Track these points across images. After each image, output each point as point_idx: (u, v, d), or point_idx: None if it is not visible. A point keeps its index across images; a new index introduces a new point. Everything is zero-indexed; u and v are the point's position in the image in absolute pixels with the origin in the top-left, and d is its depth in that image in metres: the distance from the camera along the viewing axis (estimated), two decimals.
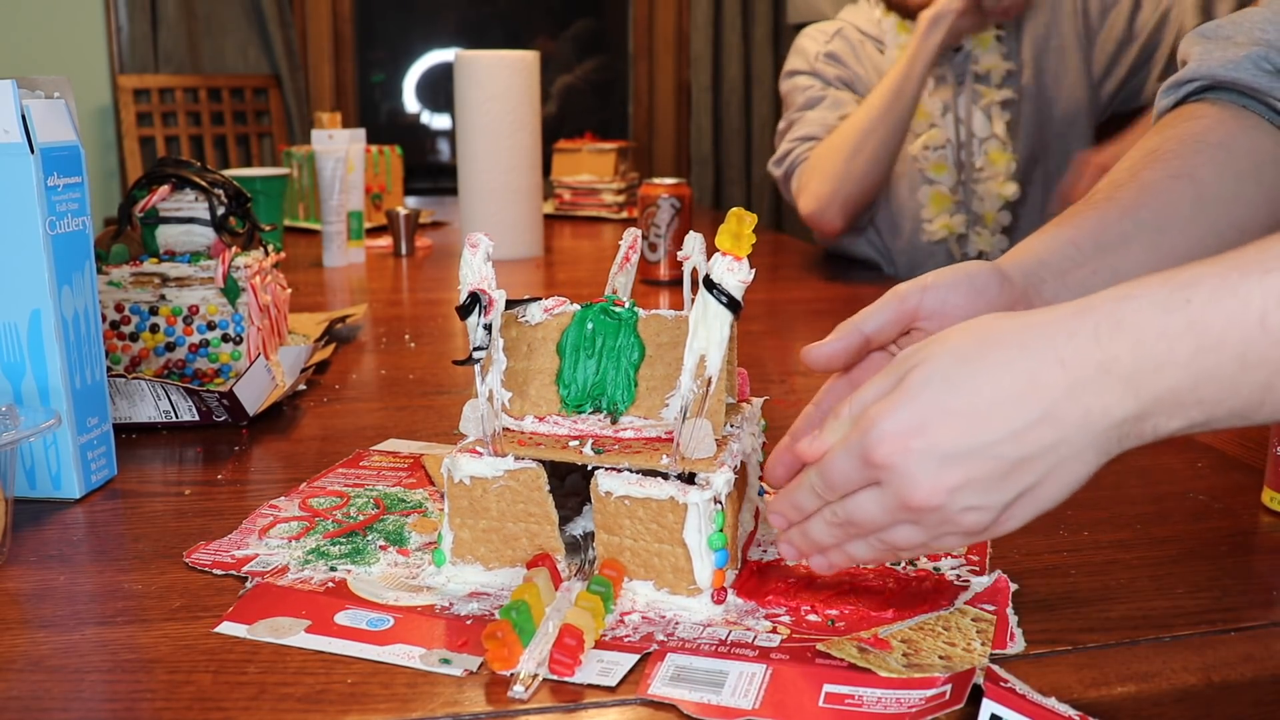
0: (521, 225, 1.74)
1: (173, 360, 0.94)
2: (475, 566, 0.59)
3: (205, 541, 0.64)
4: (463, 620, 0.55)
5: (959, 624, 0.54)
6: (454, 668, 0.51)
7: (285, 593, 0.58)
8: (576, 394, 0.61)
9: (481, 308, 0.56)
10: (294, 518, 0.67)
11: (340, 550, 0.63)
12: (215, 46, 3.09)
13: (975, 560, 0.62)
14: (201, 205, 0.96)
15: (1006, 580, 0.58)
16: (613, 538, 0.57)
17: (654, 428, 0.60)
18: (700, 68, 3.36)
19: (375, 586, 0.58)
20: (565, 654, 0.50)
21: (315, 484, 0.73)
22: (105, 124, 3.08)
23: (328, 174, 1.65)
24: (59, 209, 0.69)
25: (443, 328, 1.27)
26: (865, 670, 0.50)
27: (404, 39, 3.57)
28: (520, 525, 0.57)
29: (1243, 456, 0.79)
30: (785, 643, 0.53)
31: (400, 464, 0.77)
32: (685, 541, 0.55)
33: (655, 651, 0.52)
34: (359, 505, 0.69)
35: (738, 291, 0.54)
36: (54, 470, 0.71)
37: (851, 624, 0.55)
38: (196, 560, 0.61)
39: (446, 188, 3.12)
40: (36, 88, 0.70)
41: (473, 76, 1.69)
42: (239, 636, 0.53)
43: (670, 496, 0.54)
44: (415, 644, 0.53)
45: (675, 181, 1.53)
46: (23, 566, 0.62)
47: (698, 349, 0.55)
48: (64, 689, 0.49)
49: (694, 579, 0.56)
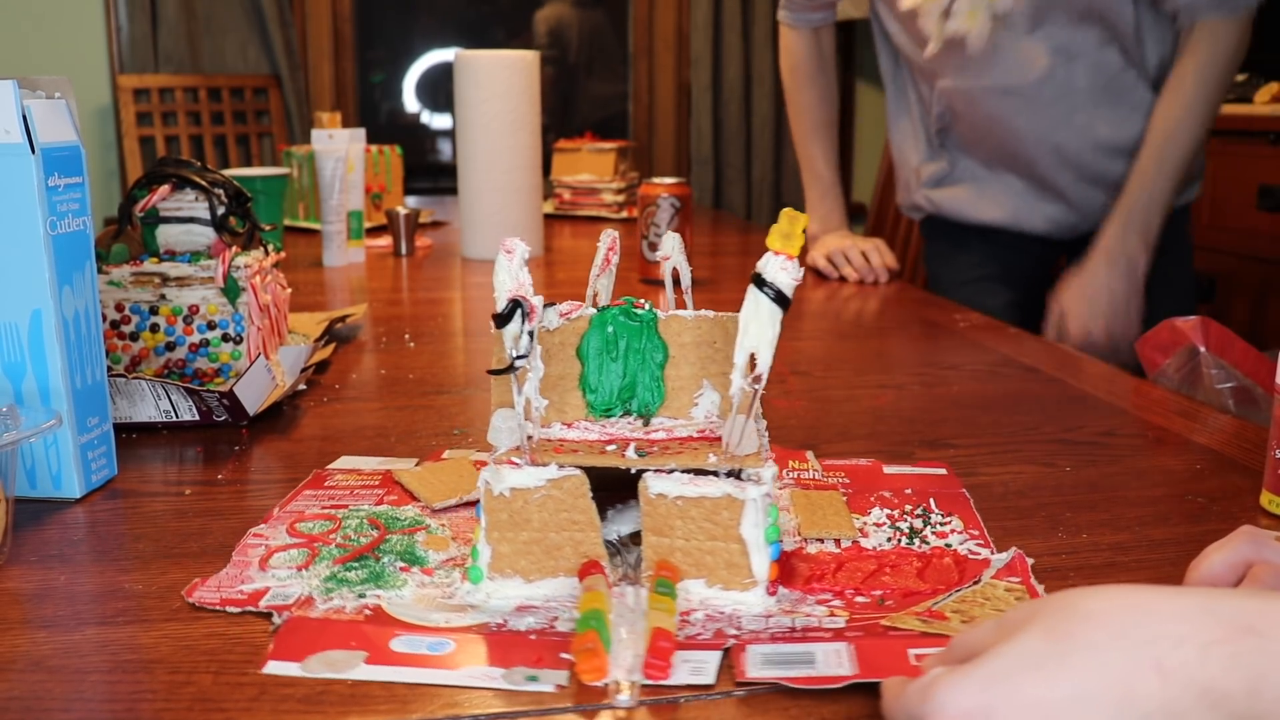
0: (521, 225, 1.74)
1: (173, 360, 0.94)
2: (515, 580, 0.57)
3: (201, 579, 0.59)
4: (525, 636, 0.53)
5: (996, 595, 0.56)
6: (543, 684, 0.49)
7: (323, 624, 0.54)
8: (605, 398, 0.61)
9: (524, 314, 0.54)
10: (290, 545, 0.63)
11: (359, 576, 0.60)
12: (215, 46, 3.09)
13: (976, 535, 0.65)
14: (201, 205, 0.96)
15: (1023, 556, 0.61)
16: (662, 539, 0.56)
17: (684, 427, 0.60)
18: (700, 68, 3.36)
19: (415, 610, 0.56)
20: (660, 657, 0.49)
21: (287, 508, 0.69)
22: (105, 124, 3.08)
23: (328, 174, 1.65)
24: (60, 209, 0.69)
25: (442, 328, 1.27)
26: (938, 635, 0.52)
27: (404, 39, 3.57)
28: (564, 535, 0.56)
29: (1241, 459, 0.80)
30: (850, 623, 0.54)
31: (369, 481, 0.74)
32: (743, 537, 0.55)
33: (734, 645, 0.52)
34: (354, 527, 0.66)
35: (789, 289, 0.55)
36: (54, 470, 0.71)
37: (900, 601, 0.57)
38: (203, 599, 0.57)
39: (446, 188, 3.12)
40: (37, 88, 0.70)
41: (473, 76, 1.69)
42: (292, 675, 0.50)
43: (726, 494, 0.54)
44: (490, 664, 0.50)
45: (675, 181, 1.53)
46: (23, 566, 0.62)
47: (748, 346, 0.55)
48: (65, 689, 0.49)
49: (750, 573, 0.56)
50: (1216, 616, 0.39)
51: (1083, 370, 1.06)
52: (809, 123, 1.71)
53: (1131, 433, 0.87)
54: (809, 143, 1.72)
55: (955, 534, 0.65)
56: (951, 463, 0.78)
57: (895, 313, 1.39)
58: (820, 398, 0.96)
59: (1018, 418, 0.91)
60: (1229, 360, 1.09)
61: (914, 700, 0.42)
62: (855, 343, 1.21)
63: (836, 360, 1.11)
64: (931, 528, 0.66)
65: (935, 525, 0.67)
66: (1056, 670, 0.39)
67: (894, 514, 0.68)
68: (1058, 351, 1.15)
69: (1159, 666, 0.38)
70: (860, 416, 0.91)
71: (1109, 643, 0.39)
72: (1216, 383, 1.08)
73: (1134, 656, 0.39)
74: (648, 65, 3.49)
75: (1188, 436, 0.86)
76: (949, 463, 0.78)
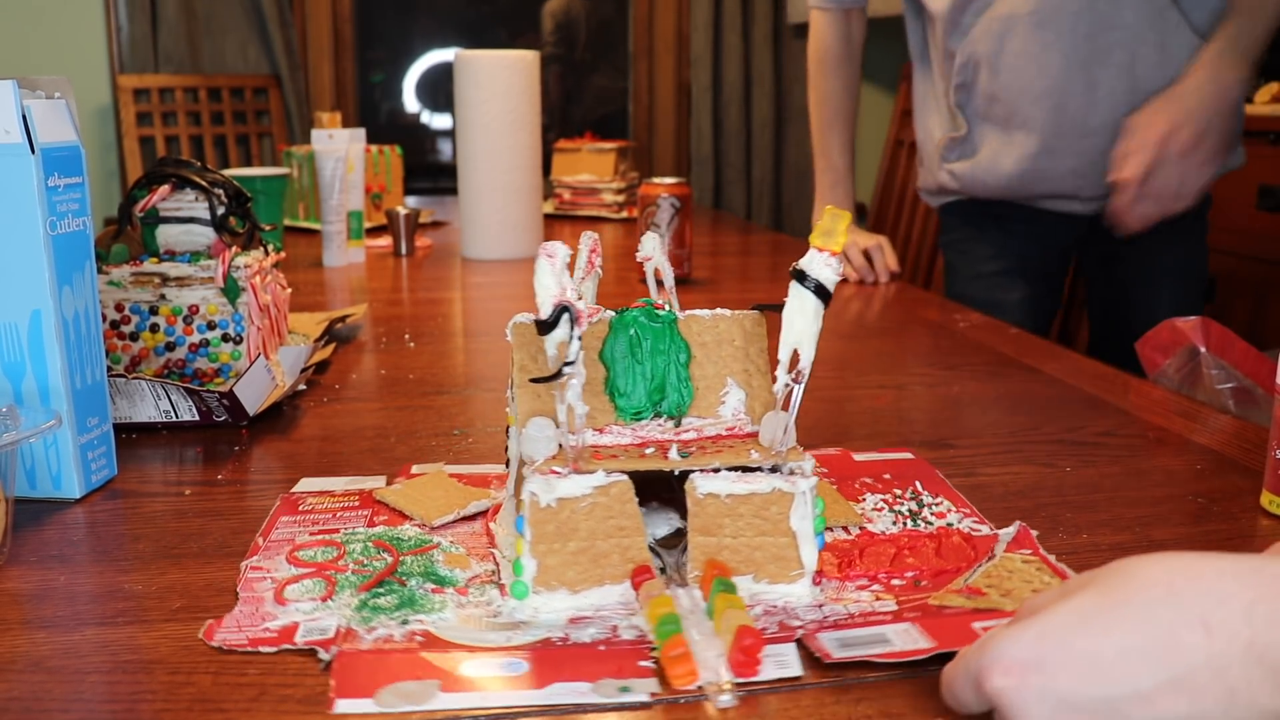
0: (521, 225, 1.74)
1: (173, 360, 0.94)
2: (561, 593, 0.56)
3: (216, 620, 0.55)
4: (593, 648, 0.52)
5: (1017, 568, 0.58)
6: (636, 694, 0.48)
7: (379, 656, 0.51)
8: (636, 401, 0.60)
9: (572, 319, 0.54)
10: (300, 575, 0.59)
11: (390, 602, 0.57)
12: (215, 46, 3.09)
13: (969, 512, 0.68)
14: (201, 205, 0.96)
15: (1027, 528, 0.63)
16: (710, 538, 0.56)
17: (713, 426, 0.61)
18: (700, 68, 3.36)
19: (467, 631, 0.54)
20: (750, 654, 0.49)
21: (271, 537, 0.65)
22: (105, 124, 3.08)
23: (328, 174, 1.65)
24: (59, 209, 0.69)
25: (442, 328, 1.27)
26: (991, 610, 0.53)
27: (404, 39, 3.57)
28: (611, 541, 0.56)
29: (1241, 459, 0.79)
30: (902, 605, 0.56)
31: (348, 503, 0.70)
32: (793, 529, 0.56)
33: (804, 636, 0.53)
34: (360, 551, 0.63)
35: (831, 284, 0.56)
36: (54, 470, 0.71)
37: (934, 581, 0.59)
38: (228, 641, 0.53)
39: (446, 188, 3.12)
40: (37, 88, 0.70)
41: (473, 76, 1.69)
42: (367, 713, 0.47)
43: (775, 488, 0.55)
44: (573, 680, 0.49)
45: (675, 181, 1.53)
46: (23, 567, 0.62)
47: (791, 342, 0.57)
48: (64, 690, 0.49)
49: (799, 564, 0.57)
50: (1261, 576, 0.41)
51: (1083, 370, 1.06)
52: (829, 111, 1.71)
53: (1131, 433, 0.87)
54: (827, 131, 1.71)
55: (951, 513, 0.68)
56: (951, 463, 0.78)
57: (895, 313, 1.39)
58: (820, 398, 0.96)
59: (1018, 418, 0.91)
60: (1229, 360, 1.09)
61: (973, 656, 0.44)
62: (855, 343, 1.21)
63: (836, 360, 1.11)
64: (928, 509, 0.68)
65: (931, 507, 0.69)
66: (1106, 625, 0.41)
67: (888, 498, 0.70)
68: (1058, 351, 1.15)
69: (1205, 622, 0.40)
70: (860, 416, 0.91)
71: (1158, 601, 0.41)
72: (1217, 383, 1.08)
73: (1181, 613, 0.40)
74: (648, 65, 3.49)
75: (1188, 437, 0.86)
76: (935, 458, 0.78)
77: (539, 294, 0.54)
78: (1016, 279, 1.60)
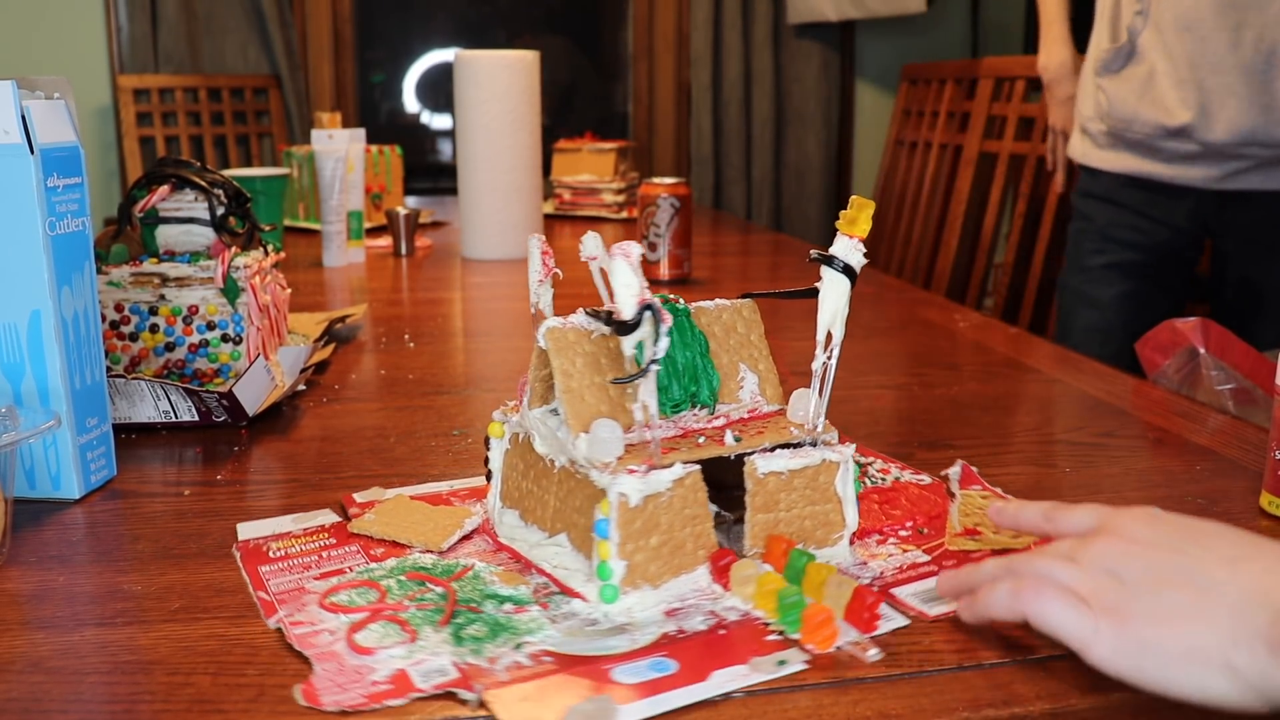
0: (521, 225, 1.74)
1: (172, 360, 0.94)
2: (645, 589, 0.56)
3: (306, 684, 0.49)
4: (714, 633, 0.54)
5: (979, 504, 0.64)
6: (792, 665, 0.51)
7: (533, 686, 0.49)
8: (675, 394, 0.61)
9: (657, 318, 0.54)
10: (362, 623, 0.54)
11: (481, 631, 0.54)
12: (215, 46, 3.09)
13: (899, 464, 0.76)
14: (201, 205, 0.96)
15: (968, 465, 0.68)
16: (768, 515, 0.60)
17: (737, 410, 0.63)
18: (700, 68, 3.36)
19: (588, 643, 0.53)
20: (872, 610, 0.54)
21: (272, 590, 0.59)
22: (105, 124, 3.08)
23: (328, 174, 1.65)
24: (59, 209, 0.69)
25: (442, 328, 1.27)
26: (1005, 549, 0.61)
27: (404, 39, 3.57)
28: (687, 531, 0.58)
29: (1241, 460, 0.79)
30: (930, 553, 0.62)
31: (324, 540, 0.65)
32: (838, 494, 0.61)
33: (878, 592, 0.57)
34: (401, 587, 0.58)
35: (857, 265, 0.60)
36: (54, 471, 0.71)
37: (932, 525, 0.66)
38: (345, 703, 0.48)
39: (446, 188, 3.12)
40: (36, 88, 0.70)
41: (473, 76, 1.69)
42: None
43: (824, 459, 0.60)
44: (731, 664, 0.50)
45: (675, 181, 1.53)
46: (22, 567, 0.62)
47: (826, 323, 0.61)
48: (63, 690, 0.49)
49: (842, 527, 0.62)
50: None
51: (1083, 370, 1.06)
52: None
53: (1131, 433, 0.87)
54: None
55: (893, 469, 0.75)
56: (951, 463, 0.78)
57: (895, 313, 1.39)
58: None
59: (1018, 418, 0.91)
60: (1229, 361, 1.09)
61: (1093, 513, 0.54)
62: (855, 343, 1.21)
63: None
64: (872, 468, 0.76)
65: (873, 464, 0.76)
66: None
67: None
68: (1058, 352, 1.15)
69: None
70: (860, 416, 0.91)
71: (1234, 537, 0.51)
72: (1216, 384, 1.09)
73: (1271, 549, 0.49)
74: (648, 65, 3.49)
75: (1187, 437, 0.86)
76: (935, 458, 0.78)
77: (619, 293, 0.53)
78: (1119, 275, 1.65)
